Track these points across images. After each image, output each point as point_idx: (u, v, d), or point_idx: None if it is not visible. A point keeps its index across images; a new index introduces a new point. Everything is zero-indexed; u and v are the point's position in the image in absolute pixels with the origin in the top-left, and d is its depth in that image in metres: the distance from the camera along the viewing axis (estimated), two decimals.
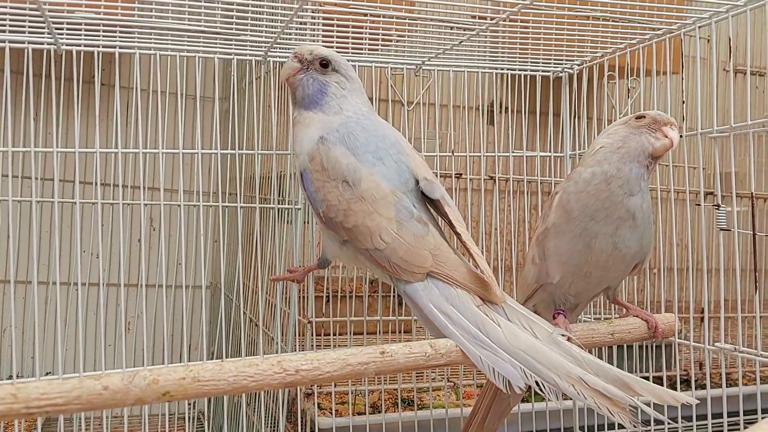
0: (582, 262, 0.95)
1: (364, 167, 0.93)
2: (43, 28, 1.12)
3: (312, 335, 1.46)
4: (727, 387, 1.09)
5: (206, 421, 1.83)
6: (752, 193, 1.02)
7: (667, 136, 0.94)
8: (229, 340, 1.50)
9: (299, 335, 1.41)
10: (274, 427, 1.43)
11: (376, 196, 0.91)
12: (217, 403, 1.74)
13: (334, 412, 1.48)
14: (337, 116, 0.98)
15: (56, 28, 1.11)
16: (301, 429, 1.41)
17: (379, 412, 1.51)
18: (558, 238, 0.96)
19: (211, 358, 1.76)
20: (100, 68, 1.17)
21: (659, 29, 1.16)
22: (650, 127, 0.95)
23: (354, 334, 1.45)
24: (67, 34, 1.15)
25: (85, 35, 1.16)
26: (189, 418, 1.53)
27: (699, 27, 1.10)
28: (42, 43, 1.15)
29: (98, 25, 1.14)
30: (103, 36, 1.17)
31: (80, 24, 1.13)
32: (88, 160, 1.79)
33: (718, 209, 1.06)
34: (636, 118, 0.96)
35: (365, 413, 1.46)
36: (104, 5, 1.11)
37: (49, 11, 1.04)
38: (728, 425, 1.09)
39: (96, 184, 1.27)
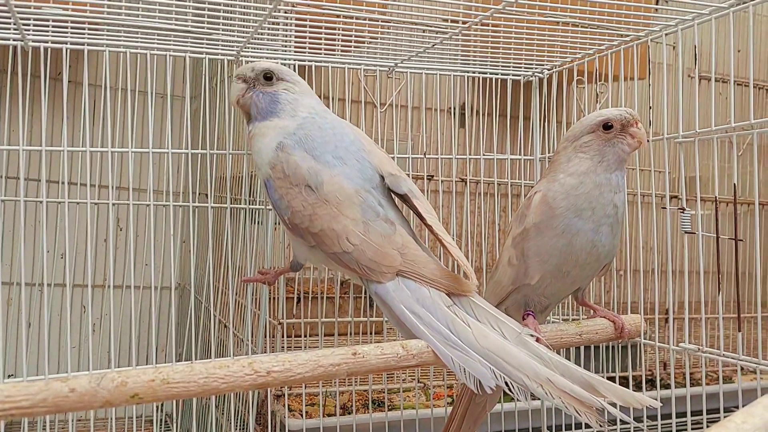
0: (562, 261, 0.96)
1: (325, 169, 0.93)
2: (10, 23, 1.09)
3: (283, 336, 1.45)
4: (690, 386, 1.12)
5: (173, 423, 1.81)
6: (716, 197, 1.05)
7: (635, 137, 0.96)
8: (197, 341, 1.49)
9: (270, 336, 1.41)
10: (244, 429, 1.42)
11: (340, 197, 0.91)
12: (186, 405, 1.73)
13: (304, 413, 1.48)
14: (293, 119, 0.98)
15: (23, 24, 1.09)
16: (271, 431, 1.41)
17: (350, 413, 1.51)
18: (539, 237, 0.97)
19: (180, 360, 1.74)
20: (67, 65, 1.15)
21: (627, 36, 1.18)
22: (620, 134, 0.97)
23: (325, 336, 1.44)
24: (34, 30, 1.13)
25: (53, 31, 1.14)
26: (156, 420, 1.51)
27: (666, 34, 1.13)
28: (8, 39, 1.13)
29: (66, 21, 1.12)
30: (71, 33, 1.15)
31: (48, 20, 1.11)
32: (54, 159, 1.76)
33: (683, 213, 1.09)
34: (604, 129, 0.97)
35: (336, 414, 1.45)
36: (72, 1, 1.09)
37: (16, 6, 1.02)
38: (692, 424, 1.12)
39: (63, 183, 1.25)
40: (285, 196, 0.94)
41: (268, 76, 1.00)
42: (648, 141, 1.14)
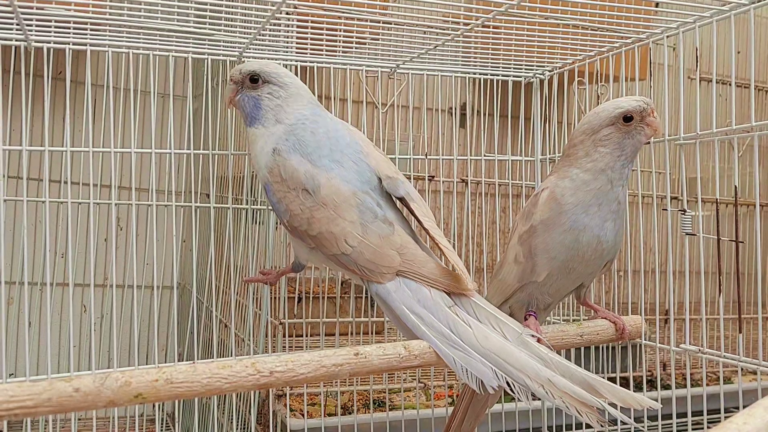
0: (569, 257, 0.96)
1: (321, 172, 0.93)
2: (13, 23, 1.10)
3: (285, 336, 1.46)
4: (691, 387, 1.12)
5: (174, 423, 1.81)
6: (717, 198, 1.05)
7: (650, 126, 0.96)
8: (198, 341, 1.49)
9: (271, 336, 1.41)
10: (245, 428, 1.42)
11: (337, 200, 0.91)
12: (187, 404, 1.73)
13: (306, 413, 1.48)
14: (277, 126, 0.98)
15: (26, 24, 1.09)
16: (273, 431, 1.41)
17: (351, 413, 1.51)
18: (547, 234, 0.96)
19: (181, 360, 1.74)
20: (70, 65, 1.15)
21: (628, 38, 1.18)
22: (639, 125, 0.96)
23: (326, 335, 1.45)
24: (36, 31, 1.13)
25: (55, 32, 1.14)
26: (158, 419, 1.52)
27: (667, 36, 1.13)
28: (11, 39, 1.13)
29: (69, 21, 1.12)
30: (74, 33, 1.15)
31: (50, 20, 1.11)
32: (55, 158, 1.76)
33: (683, 214, 1.09)
34: (624, 121, 0.96)
35: (337, 414, 1.46)
36: (75, 2, 1.09)
37: (19, 7, 1.02)
38: (692, 425, 1.12)
39: (65, 182, 1.25)
40: (283, 199, 0.94)
41: (254, 78, 0.99)
42: (648, 143, 1.14)
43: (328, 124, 1.00)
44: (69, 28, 1.14)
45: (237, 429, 1.40)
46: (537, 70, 1.41)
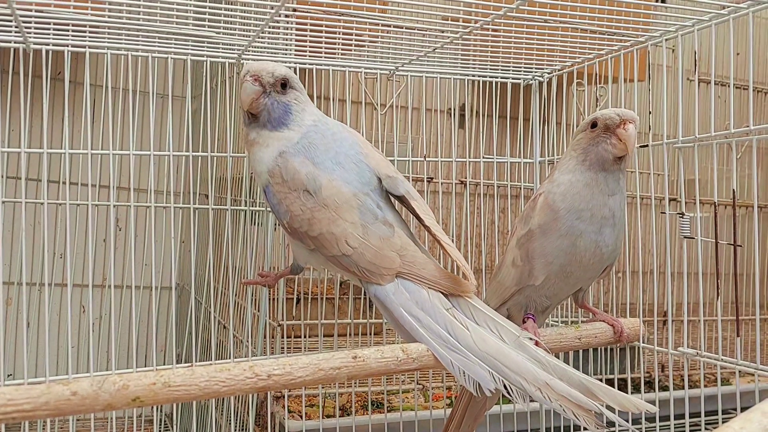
0: (566, 262, 0.96)
1: (323, 174, 0.93)
2: (11, 25, 1.10)
3: (283, 337, 1.45)
4: (689, 389, 1.12)
5: (173, 424, 1.81)
6: (715, 201, 1.05)
7: (621, 140, 0.93)
8: (197, 342, 1.49)
9: (269, 338, 1.41)
10: (243, 430, 1.42)
11: (338, 201, 0.91)
12: (185, 405, 1.73)
13: (304, 415, 1.48)
14: (299, 128, 0.97)
15: (25, 27, 1.09)
16: None
17: (349, 414, 1.51)
18: (544, 238, 0.97)
19: (179, 361, 1.74)
20: (68, 66, 1.15)
21: (628, 40, 1.18)
22: (604, 134, 0.96)
23: (324, 337, 1.45)
24: (35, 33, 1.13)
25: (54, 34, 1.14)
26: (156, 420, 1.52)
27: (666, 39, 1.13)
28: (10, 42, 1.13)
29: (67, 24, 1.12)
30: (73, 35, 1.15)
31: (49, 22, 1.11)
32: (54, 159, 1.76)
33: (682, 217, 1.09)
34: (591, 127, 0.97)
35: (335, 416, 1.46)
36: (74, 4, 1.09)
37: (18, 9, 1.02)
38: (690, 426, 1.12)
39: (64, 183, 1.25)
40: (284, 200, 0.94)
41: (284, 84, 0.97)
42: (647, 145, 1.14)
43: (333, 126, 1.01)
44: (68, 30, 1.14)
45: (235, 430, 1.40)
46: (536, 72, 1.41)
